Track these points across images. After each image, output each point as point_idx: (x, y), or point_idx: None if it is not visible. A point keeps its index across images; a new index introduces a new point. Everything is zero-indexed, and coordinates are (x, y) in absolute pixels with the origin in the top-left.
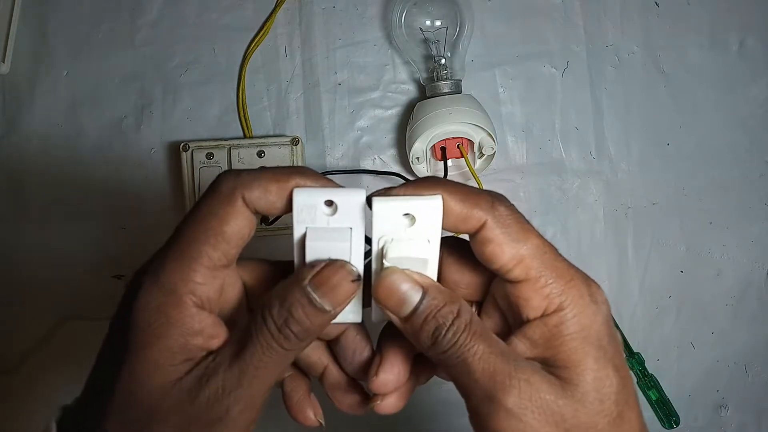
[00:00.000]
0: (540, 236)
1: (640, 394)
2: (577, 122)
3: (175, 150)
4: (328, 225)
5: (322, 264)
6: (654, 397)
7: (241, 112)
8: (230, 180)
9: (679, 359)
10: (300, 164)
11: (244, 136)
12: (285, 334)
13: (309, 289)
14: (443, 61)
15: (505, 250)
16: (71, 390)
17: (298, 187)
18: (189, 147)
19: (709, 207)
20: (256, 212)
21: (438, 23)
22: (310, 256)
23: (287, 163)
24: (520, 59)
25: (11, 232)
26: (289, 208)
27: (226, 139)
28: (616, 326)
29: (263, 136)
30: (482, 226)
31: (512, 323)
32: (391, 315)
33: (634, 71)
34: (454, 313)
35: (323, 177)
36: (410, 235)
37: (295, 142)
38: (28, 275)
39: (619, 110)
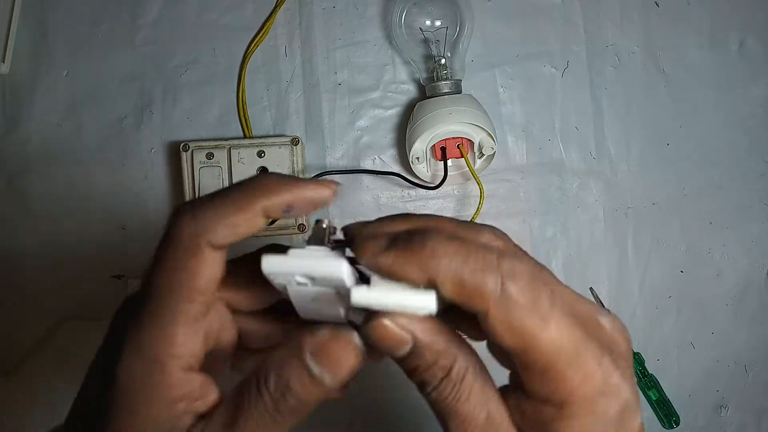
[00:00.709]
0: (567, 316)
1: (639, 394)
2: (577, 122)
3: (175, 150)
4: (309, 288)
5: (324, 335)
6: (654, 397)
7: (241, 112)
8: (190, 225)
9: (679, 359)
10: (300, 164)
11: (244, 136)
12: (280, 408)
13: (310, 363)
14: (443, 61)
15: (512, 341)
16: (71, 390)
17: (264, 210)
18: (189, 147)
19: (709, 207)
20: (226, 247)
21: (438, 23)
22: (299, 310)
23: (287, 164)
24: (520, 59)
25: (11, 232)
26: (258, 228)
27: (226, 139)
28: None
29: (263, 136)
30: (485, 313)
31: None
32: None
33: (634, 71)
34: (444, 370)
35: (289, 182)
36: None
37: (295, 142)
38: (28, 275)
39: (619, 110)
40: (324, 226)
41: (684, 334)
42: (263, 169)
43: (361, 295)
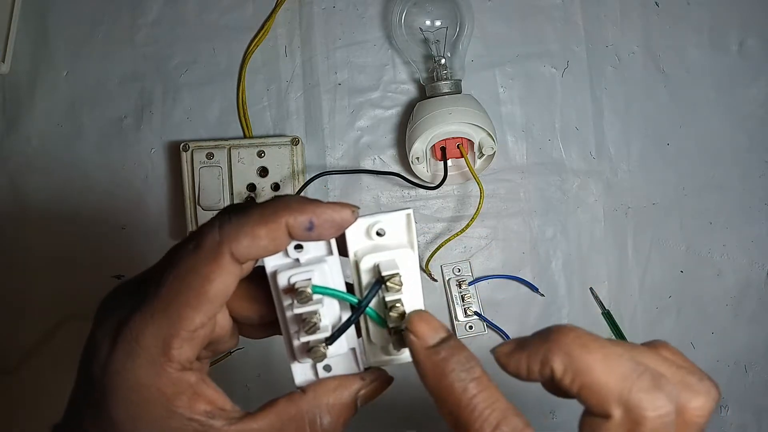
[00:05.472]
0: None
1: None
2: (577, 122)
3: (175, 150)
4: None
5: None
6: None
7: (241, 112)
8: (214, 233)
9: None
10: (300, 164)
11: (244, 136)
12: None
13: None
14: (443, 61)
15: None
16: (71, 390)
17: (287, 224)
18: (189, 147)
19: (709, 207)
20: (245, 263)
21: (438, 23)
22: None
23: (287, 164)
24: (520, 59)
25: (11, 232)
26: (282, 246)
27: (226, 139)
28: (617, 327)
29: (263, 136)
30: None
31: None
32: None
33: (634, 71)
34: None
35: (312, 202)
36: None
37: (295, 142)
38: (28, 275)
39: (619, 110)
40: None
41: (684, 334)
42: (263, 169)
43: None
